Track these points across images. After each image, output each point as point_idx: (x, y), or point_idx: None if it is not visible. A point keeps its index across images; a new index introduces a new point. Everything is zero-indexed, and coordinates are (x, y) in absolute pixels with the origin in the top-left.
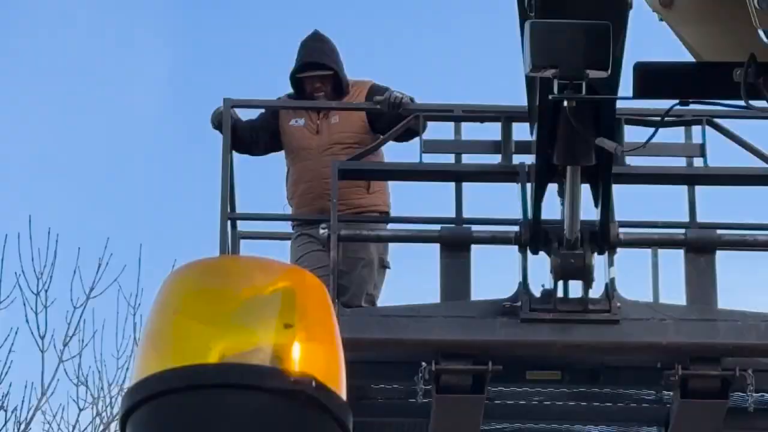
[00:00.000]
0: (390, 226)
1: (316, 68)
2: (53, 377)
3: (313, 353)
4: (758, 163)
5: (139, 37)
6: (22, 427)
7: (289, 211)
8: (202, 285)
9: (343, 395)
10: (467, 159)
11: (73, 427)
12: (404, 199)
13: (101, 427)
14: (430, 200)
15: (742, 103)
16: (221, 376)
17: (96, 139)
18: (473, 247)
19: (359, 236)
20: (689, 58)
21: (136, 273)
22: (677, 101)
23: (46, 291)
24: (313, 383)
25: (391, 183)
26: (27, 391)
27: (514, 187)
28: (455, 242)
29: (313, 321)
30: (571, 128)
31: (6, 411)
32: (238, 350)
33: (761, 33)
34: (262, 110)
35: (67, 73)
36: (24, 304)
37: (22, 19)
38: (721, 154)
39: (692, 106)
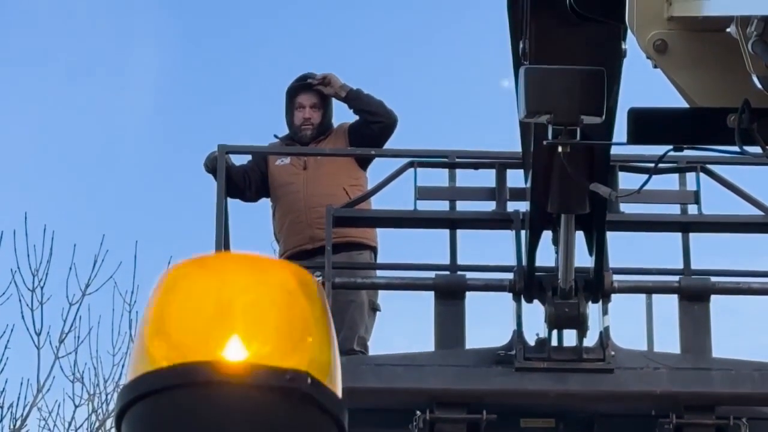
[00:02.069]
0: (384, 272)
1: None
2: (49, 374)
3: (308, 350)
4: (752, 211)
5: (137, 35)
6: (18, 423)
7: (277, 248)
8: (198, 282)
9: (339, 392)
10: (461, 205)
11: (69, 424)
12: (398, 243)
13: (97, 424)
14: (425, 243)
15: (736, 148)
16: (216, 374)
17: (92, 136)
18: (468, 294)
19: (353, 284)
20: (683, 103)
21: (132, 270)
22: (671, 147)
23: (42, 288)
24: (309, 380)
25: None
26: (23, 388)
27: (509, 234)
28: (450, 290)
29: (308, 317)
30: (566, 176)
31: (2, 408)
32: (233, 348)
33: (755, 78)
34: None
35: (64, 71)
36: (19, 301)
37: (19, 17)
38: (716, 201)
39: (686, 152)
